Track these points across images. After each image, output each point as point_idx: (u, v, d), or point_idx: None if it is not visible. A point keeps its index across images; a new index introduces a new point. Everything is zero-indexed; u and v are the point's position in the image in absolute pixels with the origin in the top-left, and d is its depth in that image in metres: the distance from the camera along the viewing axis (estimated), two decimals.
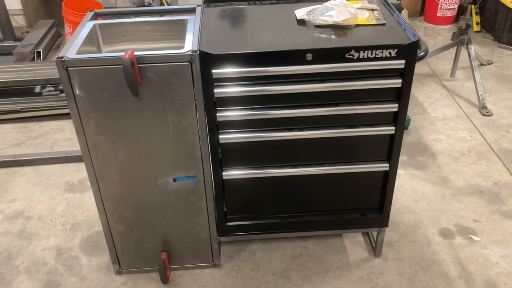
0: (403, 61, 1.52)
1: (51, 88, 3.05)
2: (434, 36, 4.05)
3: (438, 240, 2.09)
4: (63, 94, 2.90)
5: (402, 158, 2.57)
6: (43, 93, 3.05)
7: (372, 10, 1.73)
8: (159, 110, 1.56)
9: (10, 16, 3.89)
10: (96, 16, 1.82)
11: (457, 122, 2.90)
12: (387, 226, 1.90)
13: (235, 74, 1.52)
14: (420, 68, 3.50)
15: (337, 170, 1.73)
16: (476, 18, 4.00)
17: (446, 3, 4.09)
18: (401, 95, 1.58)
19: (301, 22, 1.68)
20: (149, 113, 1.56)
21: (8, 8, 3.81)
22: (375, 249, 2.01)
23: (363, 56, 1.49)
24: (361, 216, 1.88)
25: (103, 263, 2.03)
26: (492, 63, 3.56)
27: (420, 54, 2.02)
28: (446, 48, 3.35)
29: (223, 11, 1.83)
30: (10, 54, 3.50)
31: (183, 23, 1.72)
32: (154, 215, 1.81)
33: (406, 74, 1.55)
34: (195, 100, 1.55)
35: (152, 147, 1.64)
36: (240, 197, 1.81)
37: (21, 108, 3.00)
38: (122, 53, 1.43)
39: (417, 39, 1.51)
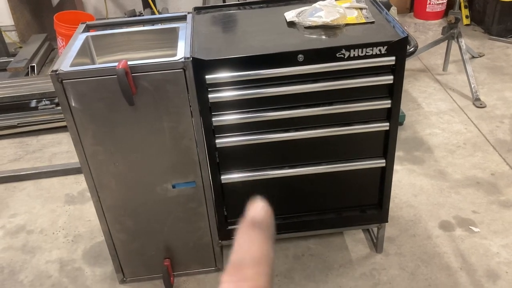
0: (393, 58, 1.54)
1: (47, 102, 3.05)
2: (425, 31, 4.08)
3: (438, 233, 2.10)
4: (59, 107, 2.91)
5: (399, 153, 2.59)
6: (39, 107, 3.05)
7: (361, 9, 1.75)
8: (154, 118, 1.57)
9: (3, 32, 3.90)
10: (88, 28, 1.83)
11: (452, 115, 2.92)
12: (387, 221, 1.92)
13: (229, 79, 1.53)
14: (412, 63, 3.52)
15: (334, 168, 1.75)
16: (465, 12, 4.02)
17: None
18: (394, 91, 1.60)
19: (291, 24, 1.70)
20: (145, 121, 1.58)
21: (0, 24, 3.82)
22: (376, 245, 2.03)
23: (354, 54, 1.51)
24: (361, 213, 1.89)
25: (106, 273, 2.03)
26: (483, 55, 3.58)
27: (410, 50, 2.04)
28: (437, 42, 3.36)
29: (213, 17, 1.85)
30: (5, 70, 3.50)
31: (174, 31, 1.74)
32: (155, 223, 1.82)
33: (397, 70, 1.57)
34: (190, 106, 1.56)
35: (149, 155, 1.65)
36: (240, 200, 1.82)
37: (18, 123, 3.00)
38: (116, 64, 1.45)
39: (406, 35, 1.53)
